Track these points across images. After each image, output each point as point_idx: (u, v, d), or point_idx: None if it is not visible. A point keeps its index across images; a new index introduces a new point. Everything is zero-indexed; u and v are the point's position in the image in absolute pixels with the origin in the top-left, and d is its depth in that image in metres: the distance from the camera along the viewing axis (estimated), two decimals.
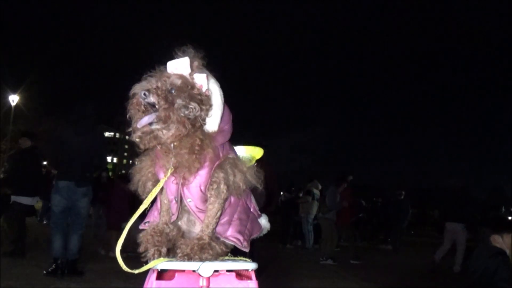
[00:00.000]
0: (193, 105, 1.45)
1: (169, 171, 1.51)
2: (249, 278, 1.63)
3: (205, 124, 1.52)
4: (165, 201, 1.64)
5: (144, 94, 1.41)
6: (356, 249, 8.74)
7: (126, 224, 1.54)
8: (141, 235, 1.58)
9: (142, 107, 1.46)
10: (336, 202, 8.36)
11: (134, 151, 1.63)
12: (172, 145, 1.49)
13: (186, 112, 1.44)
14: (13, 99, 24.75)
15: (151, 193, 1.55)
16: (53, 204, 5.00)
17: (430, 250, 12.81)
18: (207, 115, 1.52)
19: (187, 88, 1.47)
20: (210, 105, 1.52)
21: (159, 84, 1.44)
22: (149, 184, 1.59)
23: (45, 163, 9.06)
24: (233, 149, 1.70)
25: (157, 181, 1.58)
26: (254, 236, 1.73)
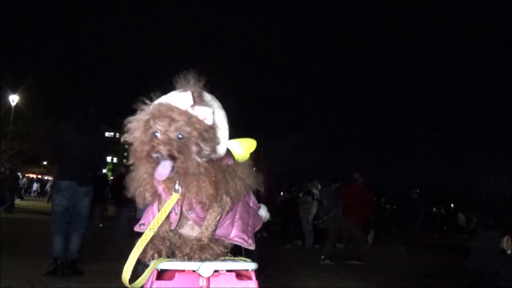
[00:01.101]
0: (206, 148, 1.44)
1: (176, 196, 1.51)
2: (249, 278, 1.64)
3: (215, 154, 1.51)
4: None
5: (157, 157, 1.38)
6: (359, 250, 8.63)
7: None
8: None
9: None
10: (333, 202, 8.36)
11: None
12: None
13: (201, 156, 1.43)
14: (13, 99, 24.78)
15: (157, 218, 1.52)
16: (55, 204, 4.99)
17: (430, 251, 12.95)
18: (215, 148, 1.50)
19: (195, 130, 1.42)
20: (218, 138, 1.50)
21: (166, 136, 1.39)
22: (148, 195, 1.57)
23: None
24: (230, 152, 1.68)
25: (155, 193, 1.57)
26: (257, 229, 1.76)
